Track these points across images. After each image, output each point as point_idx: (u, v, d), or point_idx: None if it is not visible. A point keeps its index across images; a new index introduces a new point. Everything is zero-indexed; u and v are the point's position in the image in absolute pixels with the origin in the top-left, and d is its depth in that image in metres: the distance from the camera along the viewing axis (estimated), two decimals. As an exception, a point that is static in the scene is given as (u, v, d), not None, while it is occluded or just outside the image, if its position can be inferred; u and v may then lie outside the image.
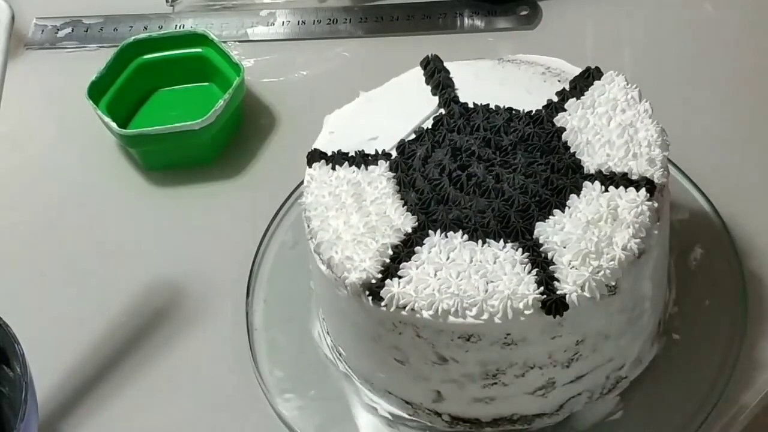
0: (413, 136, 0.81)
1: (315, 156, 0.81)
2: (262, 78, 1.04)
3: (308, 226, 0.78)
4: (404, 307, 0.73)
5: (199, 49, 1.02)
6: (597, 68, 0.83)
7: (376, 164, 0.80)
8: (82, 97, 0.98)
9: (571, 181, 0.76)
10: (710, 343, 0.82)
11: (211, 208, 0.97)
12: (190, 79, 1.03)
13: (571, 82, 0.82)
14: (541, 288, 0.72)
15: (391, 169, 0.79)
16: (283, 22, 1.09)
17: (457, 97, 0.83)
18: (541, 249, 0.74)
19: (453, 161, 0.78)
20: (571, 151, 0.78)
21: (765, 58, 1.01)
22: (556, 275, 0.72)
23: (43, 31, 1.11)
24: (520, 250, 0.74)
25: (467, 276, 0.73)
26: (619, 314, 0.76)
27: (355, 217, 0.77)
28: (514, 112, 0.81)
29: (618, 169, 0.76)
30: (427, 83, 0.85)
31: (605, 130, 0.79)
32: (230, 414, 0.85)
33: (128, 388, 0.87)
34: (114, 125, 0.96)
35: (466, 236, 0.75)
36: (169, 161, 0.99)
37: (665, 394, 0.81)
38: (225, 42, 1.04)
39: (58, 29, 1.11)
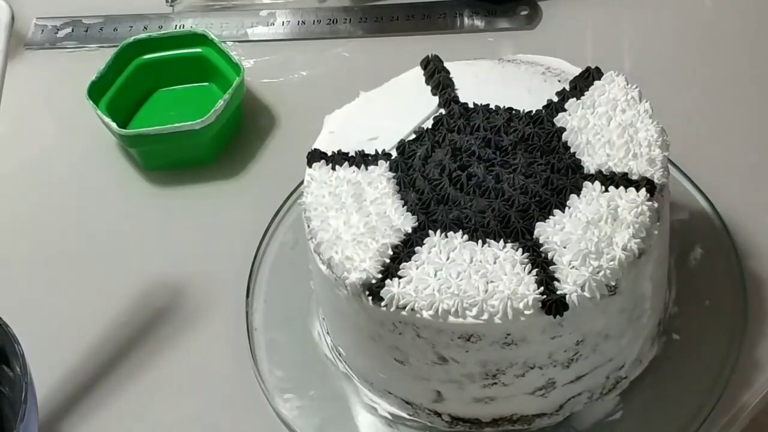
0: (413, 136, 0.81)
1: (315, 156, 0.81)
2: (262, 78, 1.04)
3: (308, 226, 0.78)
4: (404, 307, 0.73)
5: (199, 49, 1.02)
6: (597, 68, 0.83)
7: (376, 164, 0.80)
8: (82, 97, 0.98)
9: (571, 181, 0.76)
10: (710, 343, 0.82)
11: (211, 208, 0.97)
12: (190, 79, 1.03)
13: (571, 82, 0.82)
14: (541, 288, 0.72)
15: (391, 169, 0.79)
16: (283, 22, 1.09)
17: (457, 97, 0.83)
18: (541, 249, 0.74)
19: (453, 161, 0.78)
20: (571, 151, 0.78)
21: (765, 57, 1.01)
22: (556, 275, 0.72)
23: (43, 31, 1.11)
24: (520, 250, 0.74)
25: (467, 276, 0.73)
26: (619, 314, 0.76)
27: (355, 217, 0.77)
28: (514, 112, 0.81)
29: (618, 169, 0.76)
30: (427, 83, 0.85)
31: (605, 130, 0.79)
32: (230, 414, 0.85)
33: (128, 388, 0.87)
34: (114, 125, 0.96)
35: (466, 236, 0.75)
36: (169, 161, 0.99)
37: (665, 394, 0.81)
38: (225, 42, 1.04)
39: (58, 29, 1.11)
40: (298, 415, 0.83)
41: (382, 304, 0.73)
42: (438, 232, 0.75)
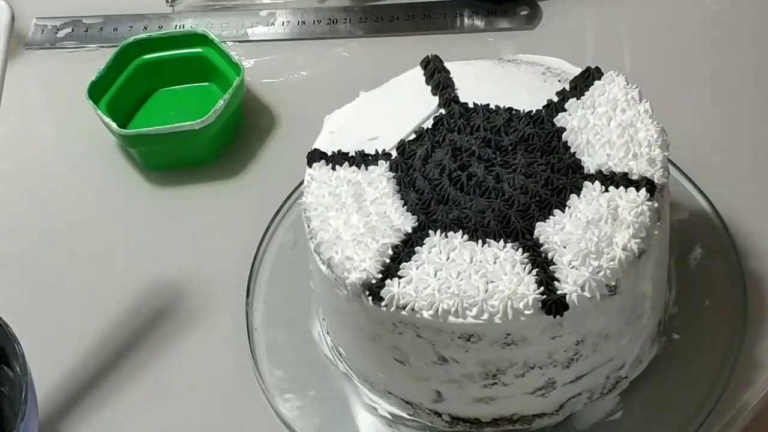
0: (413, 136, 0.81)
1: (315, 156, 0.81)
2: (262, 78, 1.04)
3: (308, 226, 0.78)
4: (404, 307, 0.73)
5: (199, 49, 1.02)
6: (597, 68, 0.83)
7: (376, 164, 0.80)
8: (82, 97, 0.98)
9: (571, 181, 0.76)
10: (710, 343, 0.82)
11: (211, 208, 0.97)
12: (190, 79, 1.03)
13: (571, 82, 0.82)
14: (541, 288, 0.72)
15: (391, 169, 0.79)
16: (283, 22, 1.09)
17: (457, 97, 0.83)
18: (541, 249, 0.74)
19: (453, 161, 0.78)
20: (571, 151, 0.78)
21: (765, 57, 1.01)
22: (556, 275, 0.72)
23: (43, 31, 1.11)
24: (521, 250, 0.74)
25: (467, 276, 0.73)
26: (619, 314, 0.76)
27: (355, 217, 0.77)
28: (514, 112, 0.81)
29: (618, 169, 0.76)
30: (427, 83, 0.85)
31: (605, 130, 0.79)
32: (230, 414, 0.85)
33: (128, 388, 0.87)
34: (114, 125, 0.97)
35: (466, 236, 0.75)
36: (169, 161, 0.99)
37: (665, 394, 0.81)
38: (225, 42, 1.04)
39: (58, 29, 1.11)
40: (298, 415, 0.83)
41: (382, 304, 0.73)
42: (438, 232, 0.75)
